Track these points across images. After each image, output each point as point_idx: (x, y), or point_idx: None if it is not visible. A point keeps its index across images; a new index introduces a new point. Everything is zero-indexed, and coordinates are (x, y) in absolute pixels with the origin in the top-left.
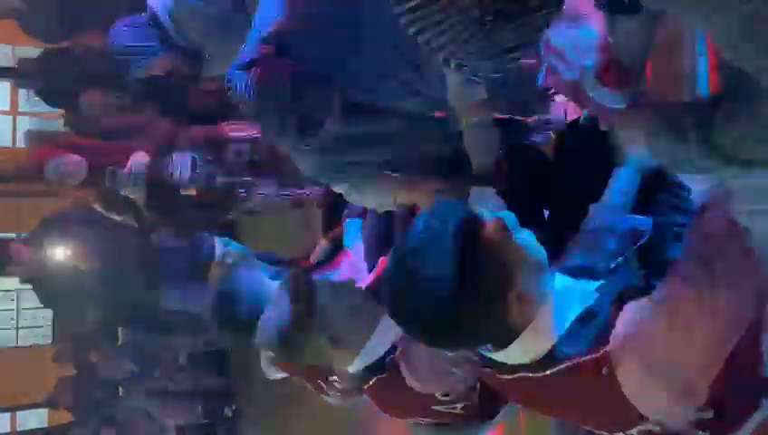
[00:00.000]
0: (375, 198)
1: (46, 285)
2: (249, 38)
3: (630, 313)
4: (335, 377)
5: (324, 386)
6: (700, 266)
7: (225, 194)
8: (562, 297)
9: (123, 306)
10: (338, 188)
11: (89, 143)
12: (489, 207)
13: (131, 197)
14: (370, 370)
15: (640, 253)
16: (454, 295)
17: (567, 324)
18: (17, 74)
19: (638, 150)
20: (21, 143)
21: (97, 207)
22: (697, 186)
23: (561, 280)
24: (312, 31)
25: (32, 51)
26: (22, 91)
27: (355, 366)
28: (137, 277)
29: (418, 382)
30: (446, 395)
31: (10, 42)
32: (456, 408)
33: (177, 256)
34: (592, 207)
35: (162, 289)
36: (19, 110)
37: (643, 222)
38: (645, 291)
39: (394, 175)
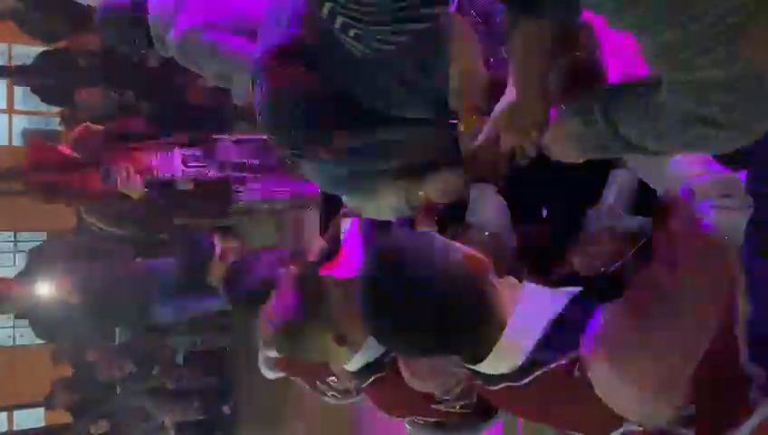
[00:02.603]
0: (391, 203)
1: (41, 319)
2: (259, 45)
3: (601, 315)
4: (333, 377)
5: (322, 386)
6: (666, 266)
7: (222, 186)
8: (533, 304)
9: (119, 322)
10: (352, 203)
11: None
12: (490, 207)
13: (129, 193)
14: (370, 368)
15: (641, 253)
16: (418, 323)
17: (540, 331)
18: (14, 72)
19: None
20: (17, 141)
21: (93, 219)
22: (661, 185)
23: (530, 287)
24: (324, 39)
25: (28, 49)
26: (18, 89)
27: (354, 364)
28: (129, 301)
29: (418, 381)
30: (446, 394)
31: (6, 40)
32: (455, 407)
33: (166, 272)
34: (591, 209)
35: (155, 307)
36: (15, 108)
37: (642, 223)
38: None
39: (403, 177)
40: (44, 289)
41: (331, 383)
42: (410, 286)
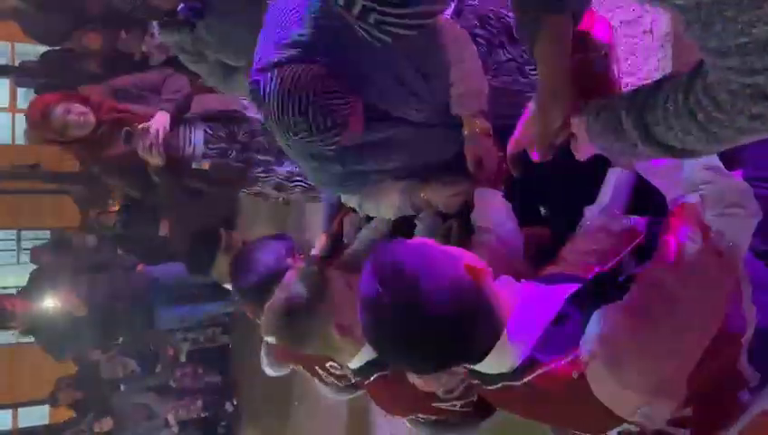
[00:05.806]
0: (394, 202)
1: (47, 336)
2: (266, 43)
3: (600, 316)
4: (332, 362)
5: (321, 372)
6: (670, 270)
7: (238, 172)
8: (532, 304)
9: (124, 333)
10: (350, 201)
11: (102, 101)
12: (496, 210)
13: (146, 158)
14: (372, 365)
15: (636, 253)
16: (418, 341)
17: (539, 331)
18: (17, 72)
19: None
20: (20, 141)
21: (100, 173)
22: (671, 190)
23: (529, 286)
24: (332, 39)
25: (31, 48)
26: (21, 89)
27: (357, 361)
28: (134, 313)
29: (421, 379)
30: (448, 392)
31: (9, 39)
32: (456, 405)
33: (169, 279)
34: (587, 209)
35: (159, 316)
36: (18, 107)
37: (638, 222)
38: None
39: (405, 180)
40: (48, 306)
41: (331, 369)
42: (409, 303)
